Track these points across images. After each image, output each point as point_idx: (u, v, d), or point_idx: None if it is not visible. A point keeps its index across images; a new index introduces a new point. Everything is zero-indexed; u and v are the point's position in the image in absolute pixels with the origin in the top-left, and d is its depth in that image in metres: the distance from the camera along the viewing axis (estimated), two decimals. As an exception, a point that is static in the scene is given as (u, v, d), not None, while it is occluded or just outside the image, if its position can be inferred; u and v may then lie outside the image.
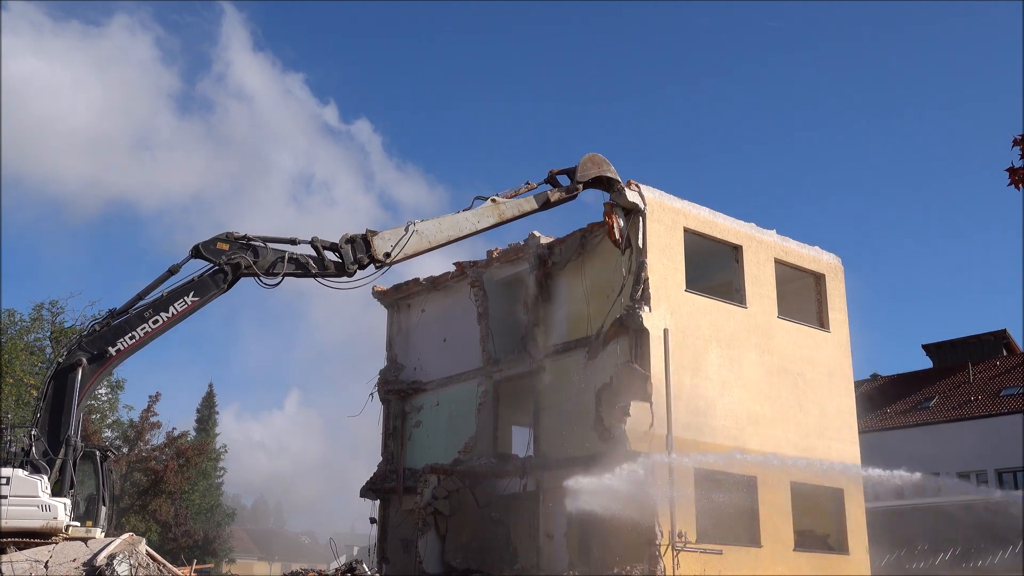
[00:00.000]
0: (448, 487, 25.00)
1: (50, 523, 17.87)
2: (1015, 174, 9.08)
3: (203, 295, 19.47)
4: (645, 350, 22.22)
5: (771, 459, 23.89)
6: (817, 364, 26.06)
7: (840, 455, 25.85)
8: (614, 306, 23.03)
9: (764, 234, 25.88)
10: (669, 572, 20.82)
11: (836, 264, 27.70)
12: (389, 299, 30.68)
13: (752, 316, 24.75)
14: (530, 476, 24.30)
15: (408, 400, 29.46)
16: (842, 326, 27.23)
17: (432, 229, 21.10)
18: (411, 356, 29.92)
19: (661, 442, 21.72)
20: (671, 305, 22.97)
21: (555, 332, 25.31)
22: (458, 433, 26.92)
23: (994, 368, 43.67)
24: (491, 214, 21.63)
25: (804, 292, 27.21)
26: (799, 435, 24.88)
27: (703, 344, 23.42)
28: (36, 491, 17.78)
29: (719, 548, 22.01)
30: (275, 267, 19.83)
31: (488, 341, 26.76)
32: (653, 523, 21.05)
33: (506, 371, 26.26)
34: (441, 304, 29.35)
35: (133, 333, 19.04)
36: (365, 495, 29.07)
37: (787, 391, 25.01)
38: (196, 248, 19.60)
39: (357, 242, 20.37)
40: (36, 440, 18.18)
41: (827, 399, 26.05)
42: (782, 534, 23.74)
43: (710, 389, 23.22)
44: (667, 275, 23.14)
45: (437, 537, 24.59)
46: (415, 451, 28.60)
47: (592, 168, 22.64)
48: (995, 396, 41.30)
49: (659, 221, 23.40)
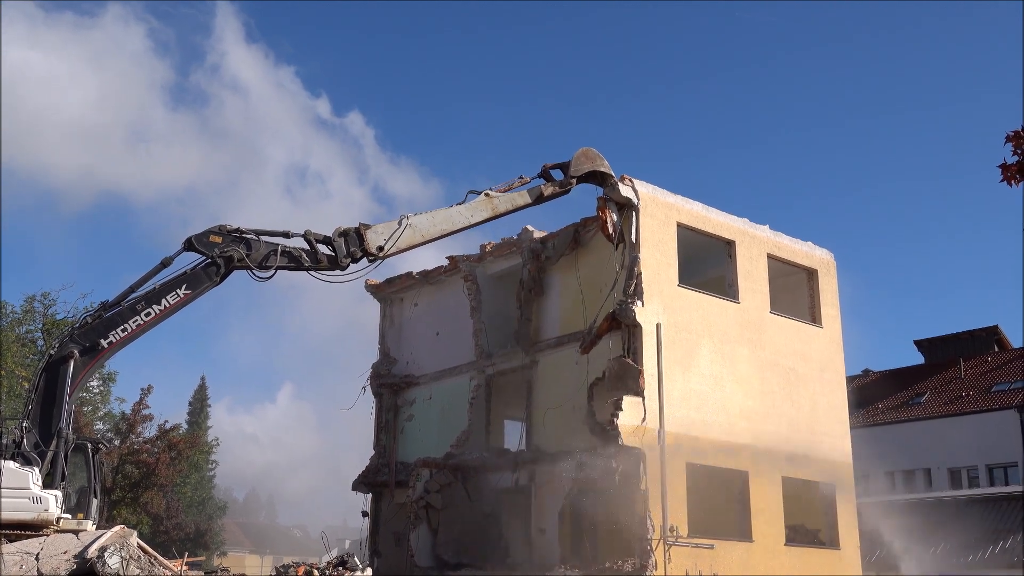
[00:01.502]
0: (440, 481, 25.00)
1: (41, 515, 17.80)
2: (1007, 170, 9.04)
3: (195, 288, 19.39)
4: (638, 344, 22.24)
5: (762, 454, 23.96)
6: (809, 359, 26.12)
7: (831, 450, 25.93)
8: (607, 300, 23.02)
9: (757, 229, 25.91)
10: (660, 566, 20.86)
11: (829, 259, 27.74)
12: (382, 293, 30.65)
13: (744, 311, 24.78)
14: (522, 470, 24.31)
15: (400, 394, 29.46)
16: (834, 321, 27.30)
17: (425, 223, 21.07)
18: (404, 350, 29.90)
19: (653, 436, 21.75)
20: (664, 300, 22.99)
21: (548, 326, 25.32)
22: (450, 427, 26.92)
23: (985, 364, 43.79)
24: (484, 208, 21.61)
25: (796, 287, 27.25)
26: (791, 430, 24.94)
27: (695, 339, 23.45)
28: (27, 483, 17.72)
29: (710, 543, 22.07)
30: (268, 260, 19.74)
31: (481, 335, 26.76)
32: (645, 517, 21.08)
33: (499, 365, 26.25)
34: (434, 298, 29.33)
35: (125, 326, 18.96)
36: (357, 489, 29.06)
37: (779, 386, 25.06)
38: (189, 241, 19.50)
39: (350, 235, 20.32)
40: (27, 432, 18.12)
41: (819, 394, 26.11)
42: (773, 529, 23.81)
43: (702, 384, 23.25)
44: (660, 270, 23.15)
45: (429, 531, 24.61)
46: (407, 445, 28.60)
47: (586, 163, 22.61)
48: (986, 392, 41.43)
49: (652, 216, 23.40)
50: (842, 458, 26.22)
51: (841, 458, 26.19)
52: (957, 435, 40.43)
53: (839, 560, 25.15)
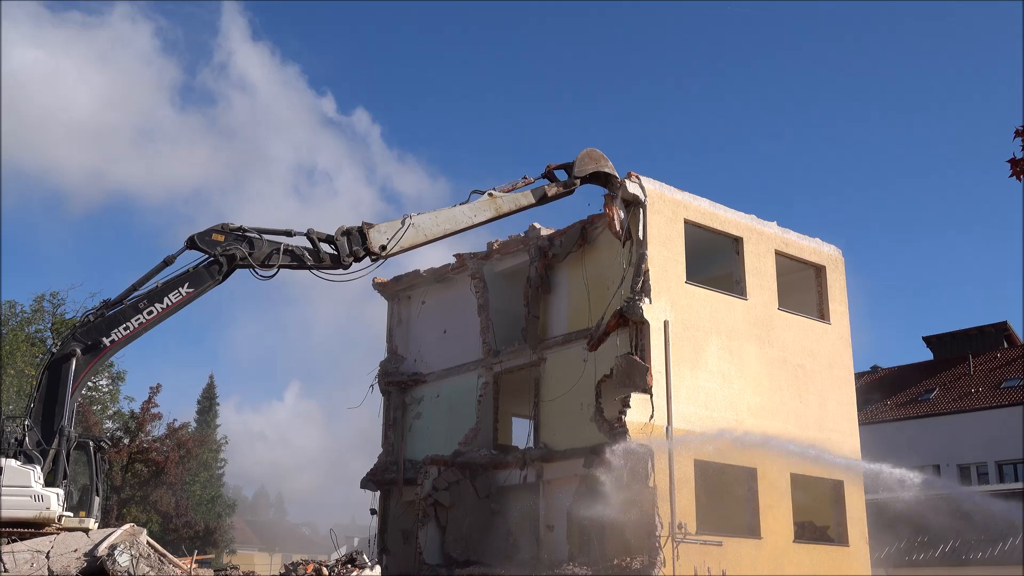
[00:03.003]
0: (448, 478, 25.02)
1: (43, 513, 17.84)
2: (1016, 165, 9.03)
3: (198, 286, 19.39)
4: (645, 342, 22.20)
5: (771, 450, 23.91)
6: (817, 356, 26.06)
7: (840, 447, 25.85)
8: (614, 298, 23.00)
9: (765, 226, 25.85)
10: (669, 563, 20.83)
11: (837, 256, 27.66)
12: (389, 291, 30.66)
13: (752, 308, 24.73)
14: (530, 467, 24.32)
15: (408, 392, 29.47)
16: (842, 318, 27.21)
17: (428, 222, 21.06)
18: (411, 348, 29.92)
19: (661, 433, 21.72)
20: (671, 297, 22.95)
21: (555, 324, 25.31)
22: (458, 425, 26.93)
23: (995, 360, 43.66)
24: (487, 208, 21.60)
25: (805, 284, 27.18)
26: (799, 427, 24.88)
27: (703, 336, 23.41)
28: (29, 481, 17.74)
29: (719, 540, 22.03)
30: (271, 259, 19.73)
31: (488, 333, 26.76)
32: (653, 515, 21.06)
33: (506, 363, 26.25)
34: (441, 296, 29.33)
35: (127, 324, 18.96)
36: (365, 486, 29.09)
37: (787, 383, 25.01)
38: (191, 239, 19.50)
39: (353, 235, 20.30)
40: (29, 430, 18.16)
41: (827, 391, 26.05)
42: (782, 526, 23.76)
43: (710, 381, 23.21)
44: (667, 267, 23.11)
45: (437, 528, 24.63)
46: (415, 442, 28.61)
47: (590, 163, 22.58)
48: (996, 388, 41.31)
49: (659, 213, 23.36)
50: (851, 455, 26.16)
51: (850, 455, 26.13)
52: (966, 432, 40.31)
53: (848, 557, 25.09)
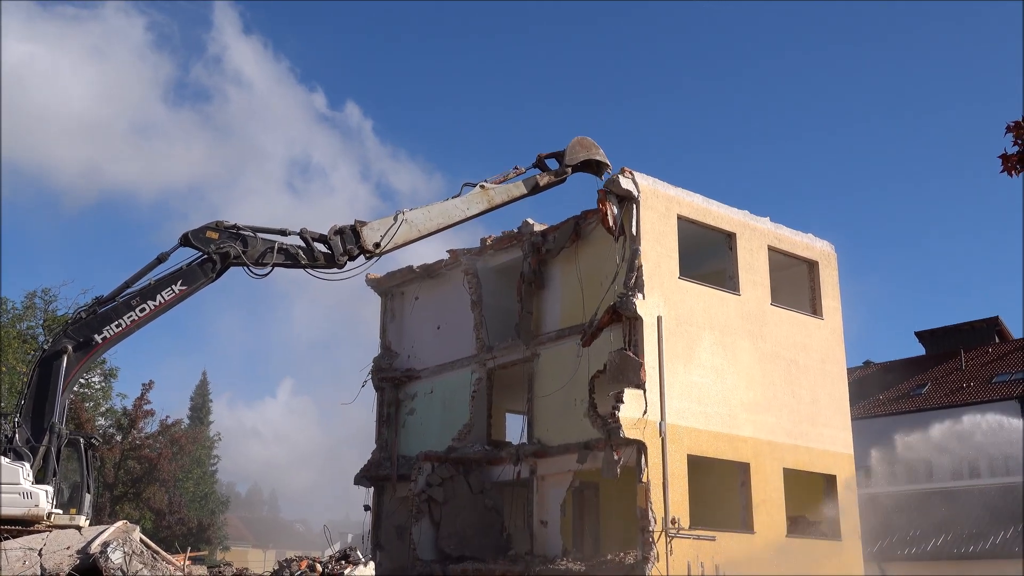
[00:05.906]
0: (442, 474, 25.03)
1: (32, 510, 17.72)
2: (1008, 161, 9.03)
3: (191, 284, 19.31)
4: (639, 337, 22.25)
5: (764, 446, 23.98)
6: (810, 351, 26.13)
7: (832, 442, 25.96)
8: (608, 293, 23.03)
9: (758, 221, 25.89)
10: (662, 558, 20.89)
11: (829, 251, 27.73)
12: (382, 287, 30.65)
13: (745, 303, 24.78)
14: (524, 463, 24.34)
15: (402, 388, 29.47)
16: (835, 313, 27.29)
17: (421, 218, 21.02)
18: (405, 343, 29.92)
19: (654, 429, 21.78)
20: (664, 292, 22.99)
21: (549, 319, 25.32)
22: (452, 420, 26.94)
23: (986, 355, 43.77)
24: (480, 200, 21.57)
25: (797, 279, 27.24)
26: (792, 422, 24.97)
27: (696, 331, 23.45)
28: (17, 478, 17.64)
29: (712, 534, 22.09)
30: (264, 257, 19.67)
31: (482, 328, 26.76)
32: (646, 509, 21.12)
33: (500, 358, 26.26)
34: (435, 291, 29.32)
35: (119, 321, 18.86)
36: (359, 483, 29.09)
37: (780, 378, 25.07)
38: (185, 236, 19.41)
39: (346, 233, 20.26)
40: (19, 427, 18.06)
41: (820, 386, 26.12)
42: (775, 520, 23.84)
43: (703, 376, 23.26)
44: (660, 262, 23.14)
45: (431, 524, 24.64)
46: (409, 438, 28.61)
47: (581, 151, 22.55)
48: (987, 383, 41.40)
49: (653, 208, 23.38)
50: (843, 449, 26.26)
51: (842, 449, 26.23)
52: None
53: (840, 551, 25.17)
